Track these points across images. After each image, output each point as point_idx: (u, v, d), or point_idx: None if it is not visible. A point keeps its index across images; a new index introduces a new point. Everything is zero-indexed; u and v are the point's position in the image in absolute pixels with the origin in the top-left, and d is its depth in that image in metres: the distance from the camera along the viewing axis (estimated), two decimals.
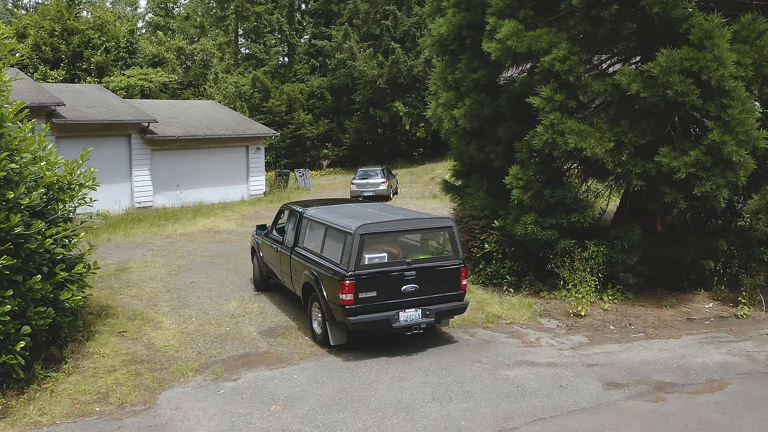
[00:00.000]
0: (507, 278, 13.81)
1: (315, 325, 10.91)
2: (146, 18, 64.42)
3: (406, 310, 9.96)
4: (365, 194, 30.50)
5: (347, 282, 9.60)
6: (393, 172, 35.89)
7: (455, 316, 11.31)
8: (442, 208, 27.59)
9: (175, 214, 27.99)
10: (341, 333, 10.27)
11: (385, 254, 10.30)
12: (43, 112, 25.69)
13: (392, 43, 47.80)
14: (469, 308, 12.18)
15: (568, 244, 12.64)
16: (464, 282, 10.47)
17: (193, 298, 13.90)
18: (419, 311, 10.04)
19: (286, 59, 58.73)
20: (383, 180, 31.53)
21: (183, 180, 31.28)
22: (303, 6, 60.06)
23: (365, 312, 9.78)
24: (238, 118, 35.95)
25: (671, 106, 11.51)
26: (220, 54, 54.63)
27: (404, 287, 9.93)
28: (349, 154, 53.09)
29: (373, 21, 50.64)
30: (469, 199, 14.64)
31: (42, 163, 10.42)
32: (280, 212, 13.75)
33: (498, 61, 12.48)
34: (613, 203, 16.50)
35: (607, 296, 13.08)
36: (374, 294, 9.77)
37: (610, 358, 10.29)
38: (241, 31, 57.68)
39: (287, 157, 50.79)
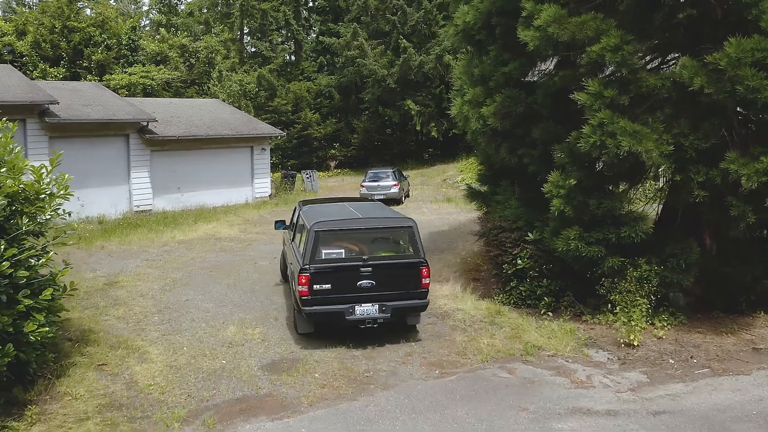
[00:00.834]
0: (544, 299, 12.13)
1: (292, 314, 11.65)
2: (150, 15, 62.78)
3: (363, 305, 10.43)
4: (375, 198, 28.83)
5: (303, 274, 10.31)
6: (404, 173, 34.22)
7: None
8: (458, 213, 25.94)
9: (175, 218, 26.44)
10: (307, 323, 10.88)
11: (342, 250, 10.77)
12: (36, 110, 24.19)
13: (402, 39, 46.11)
14: (504, 335, 10.60)
15: (616, 262, 10.97)
16: (425, 281, 10.69)
17: (187, 320, 12.27)
18: (375, 306, 10.46)
19: (292, 57, 57.08)
20: (395, 182, 29.89)
21: (184, 182, 29.70)
22: (310, 2, 58.43)
23: (320, 303, 10.40)
24: (242, 118, 34.37)
25: (743, 103, 9.83)
26: (225, 51, 53.02)
27: (360, 282, 10.39)
28: (357, 154, 51.44)
29: (382, 17, 48.96)
30: (498, 208, 12.99)
31: (2, 170, 8.74)
32: (295, 208, 14.10)
33: (536, 51, 10.82)
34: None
35: (660, 321, 11.41)
36: (329, 287, 10.34)
37: (678, 403, 8.63)
38: (246, 29, 56.09)
39: (294, 157, 49.19)
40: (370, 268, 10.46)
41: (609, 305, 11.38)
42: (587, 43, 10.38)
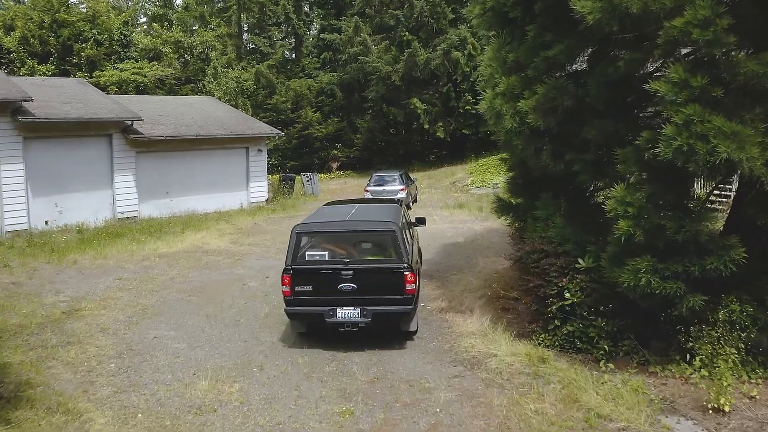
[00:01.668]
0: (602, 345, 9.54)
1: None
2: (145, 9, 60.22)
3: (344, 308, 10.36)
4: None
5: (285, 275, 10.47)
6: (412, 177, 31.72)
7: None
8: (473, 220, 23.44)
9: (162, 226, 24.03)
10: (299, 323, 10.99)
11: (326, 252, 10.72)
12: (8, 108, 21.81)
13: (406, 34, 43.63)
14: (555, 397, 8.16)
15: (698, 301, 8.45)
16: (410, 287, 10.29)
17: (149, 370, 9.80)
18: (357, 310, 10.34)
19: (293, 53, 54.56)
20: (402, 187, 27.40)
21: (173, 186, 27.30)
22: None
23: (300, 304, 10.48)
24: (237, 116, 31.91)
25: None
26: (222, 47, 50.56)
27: (341, 285, 10.30)
28: (360, 155, 48.95)
29: (386, 11, 46.47)
30: (538, 227, 10.49)
31: None
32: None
33: (598, 26, 8.31)
34: None
35: (750, 374, 8.91)
36: (310, 288, 10.38)
37: None
38: (246, 26, 53.64)
39: (293, 158, 46.73)
40: (351, 272, 10.32)
41: (688, 356, 8.89)
42: (666, 16, 7.90)
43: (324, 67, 52.47)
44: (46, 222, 23.49)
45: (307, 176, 35.22)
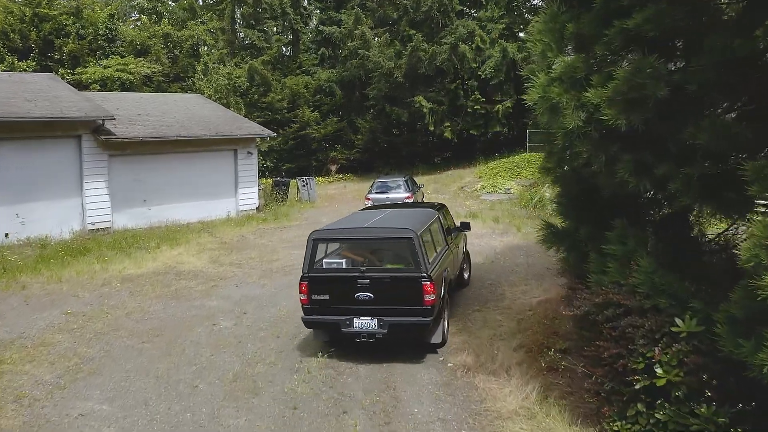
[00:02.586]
0: None
1: None
2: (134, 1, 56.98)
3: (361, 318, 9.89)
4: None
5: (302, 282, 10.13)
6: (418, 183, 28.70)
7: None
8: (491, 234, 20.35)
9: (136, 239, 21.09)
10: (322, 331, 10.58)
11: (343, 260, 10.39)
12: None
13: (408, 29, 40.60)
14: None
15: None
16: (429, 298, 9.62)
17: None
18: (375, 321, 9.85)
19: (289, 49, 51.49)
20: (408, 194, 24.39)
21: (151, 193, 24.34)
22: None
23: (317, 312, 10.11)
24: (225, 115, 28.91)
25: None
26: (213, 41, 47.54)
27: (357, 294, 9.86)
28: (361, 157, 45.93)
29: (389, 3, 43.42)
30: (610, 268, 7.42)
31: None
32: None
33: None
34: None
35: None
36: (327, 297, 10.01)
37: None
38: (240, 20, 50.54)
39: (289, 161, 43.74)
40: (367, 281, 9.87)
41: None
42: None
43: (322, 64, 49.41)
44: (6, 235, 20.64)
45: (303, 181, 32.21)
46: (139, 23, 51.51)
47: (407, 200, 24.05)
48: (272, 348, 10.61)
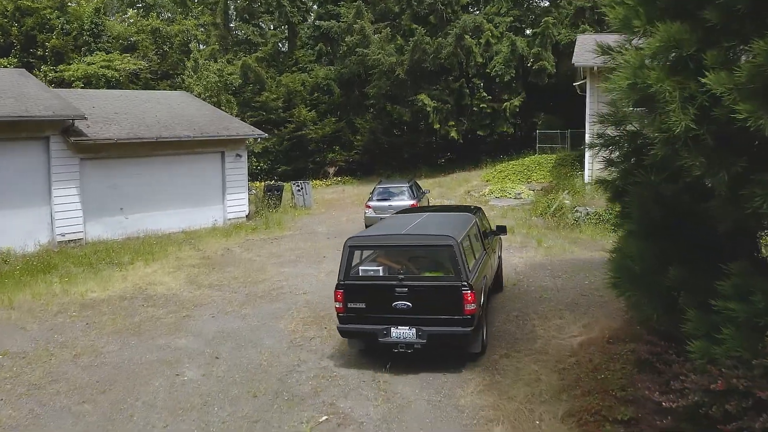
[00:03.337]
0: None
1: None
2: None
3: (399, 327, 9.51)
4: None
5: (338, 290, 9.80)
6: (423, 188, 26.25)
7: None
8: (507, 248, 17.88)
9: (109, 253, 18.75)
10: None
11: (380, 268, 10.04)
12: None
13: (410, 23, 38.12)
14: None
15: None
16: (469, 307, 9.20)
17: None
18: (413, 330, 9.45)
19: (285, 45, 49.01)
20: (412, 201, 21.89)
21: (129, 201, 21.97)
22: None
23: (353, 322, 9.80)
24: (212, 115, 26.50)
25: None
26: (204, 37, 45.12)
27: (395, 303, 9.50)
28: (361, 159, 43.46)
29: None
30: (728, 337, 4.96)
31: None
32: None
33: None
34: None
35: None
36: (363, 306, 9.71)
37: None
38: (234, 15, 48.04)
39: (285, 163, 41.32)
40: (406, 289, 9.47)
41: None
42: None
43: (320, 60, 46.95)
44: None
45: (298, 185, 29.75)
46: (126, 17, 49.17)
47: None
48: (245, 415, 8.19)
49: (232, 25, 48.55)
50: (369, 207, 22.30)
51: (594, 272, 14.96)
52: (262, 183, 33.64)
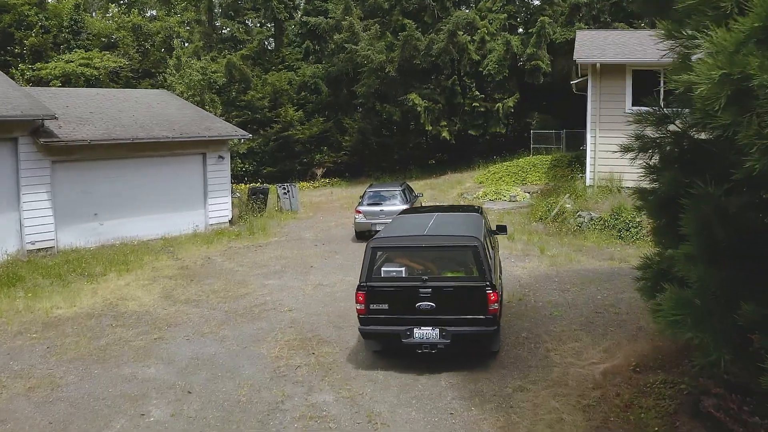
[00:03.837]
0: None
1: None
2: None
3: (422, 328, 9.56)
4: (378, 228, 19.57)
5: (360, 292, 9.73)
6: (416, 192, 24.98)
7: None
8: (507, 257, 16.61)
9: (81, 263, 17.45)
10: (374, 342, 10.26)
11: (403, 269, 10.03)
12: None
13: (401, 18, 36.73)
14: None
15: None
16: (493, 307, 9.37)
17: None
18: (436, 331, 9.52)
19: (271, 42, 47.62)
20: (405, 206, 20.52)
21: (104, 206, 20.61)
22: None
23: (376, 323, 9.75)
24: (193, 114, 25.15)
25: None
26: (188, 34, 43.71)
27: (419, 304, 9.53)
28: (349, 160, 42.10)
29: None
30: None
31: None
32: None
33: None
34: None
35: None
36: (386, 307, 9.67)
37: None
38: (219, 11, 46.58)
39: (271, 164, 39.94)
40: (429, 290, 9.52)
41: None
42: None
43: (307, 58, 45.57)
44: None
45: (284, 188, 28.43)
46: (108, 15, 47.69)
47: None
48: None
49: (217, 24, 47.13)
50: (359, 212, 21.04)
51: (605, 285, 13.81)
52: (247, 185, 32.29)
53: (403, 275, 9.93)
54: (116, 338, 11.47)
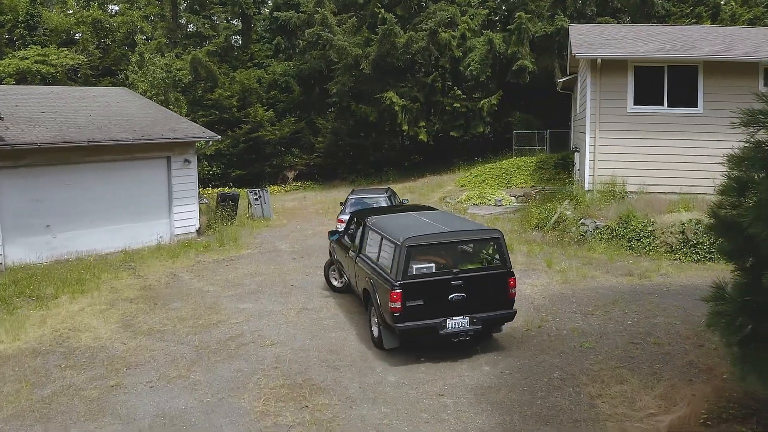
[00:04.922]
0: None
1: (373, 328, 11.03)
2: None
3: (454, 318, 10.08)
4: None
5: (396, 291, 9.92)
6: (401, 198, 23.18)
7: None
8: (536, 285, 14.93)
9: (30, 283, 15.42)
10: (394, 337, 10.40)
11: (432, 264, 10.49)
12: None
13: (381, 10, 34.87)
14: None
15: None
16: (513, 291, 10.40)
17: None
18: (467, 319, 10.13)
19: (239, 38, 45.49)
20: None
21: (57, 217, 18.49)
22: None
23: (412, 319, 10.01)
24: (156, 114, 23.04)
25: None
26: (150, 29, 41.42)
27: (451, 296, 10.06)
28: (322, 162, 40.23)
29: None
30: None
31: None
32: (350, 220, 13.92)
33: None
34: None
35: None
36: (421, 302, 10.03)
37: None
38: (184, 5, 44.34)
39: (239, 167, 37.88)
40: (461, 281, 10.12)
41: None
42: None
43: (278, 55, 43.54)
44: None
45: (255, 193, 26.40)
46: (66, 9, 45.14)
47: None
48: None
49: (182, 20, 44.87)
50: (341, 221, 19.15)
51: (631, 306, 12.16)
52: (215, 191, 30.23)
53: (434, 270, 10.34)
54: (65, 385, 9.49)
